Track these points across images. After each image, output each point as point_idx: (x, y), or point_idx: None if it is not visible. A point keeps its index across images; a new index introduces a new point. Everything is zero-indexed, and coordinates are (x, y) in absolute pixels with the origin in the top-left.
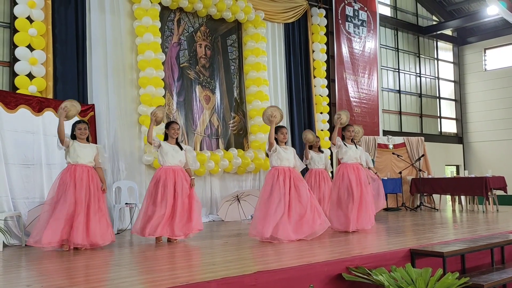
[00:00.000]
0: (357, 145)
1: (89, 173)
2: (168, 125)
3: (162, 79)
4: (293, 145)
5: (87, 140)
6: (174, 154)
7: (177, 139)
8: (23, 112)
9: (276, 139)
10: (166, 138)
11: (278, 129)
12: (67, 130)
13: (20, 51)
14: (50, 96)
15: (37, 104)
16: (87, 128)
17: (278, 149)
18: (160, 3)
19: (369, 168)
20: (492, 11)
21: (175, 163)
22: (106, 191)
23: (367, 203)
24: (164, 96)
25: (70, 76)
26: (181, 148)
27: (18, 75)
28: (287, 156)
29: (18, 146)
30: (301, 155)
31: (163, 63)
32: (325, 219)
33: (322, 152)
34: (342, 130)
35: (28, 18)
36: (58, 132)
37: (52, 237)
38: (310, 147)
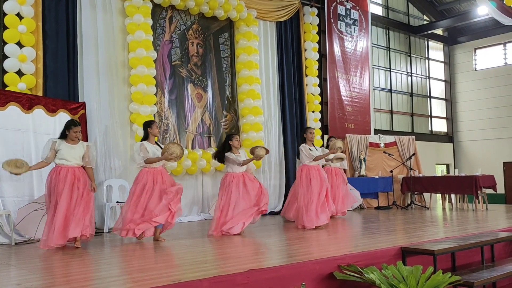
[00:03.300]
0: (316, 147)
1: (74, 173)
2: (150, 124)
3: (154, 77)
4: (285, 144)
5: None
6: (157, 155)
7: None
8: (13, 109)
9: (230, 146)
10: (146, 137)
11: (233, 136)
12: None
13: (10, 48)
14: (40, 93)
15: (27, 102)
16: (81, 130)
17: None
18: (151, 1)
19: (344, 170)
20: (483, 11)
21: (159, 164)
22: (96, 190)
23: (332, 197)
24: (155, 94)
25: (60, 73)
26: (161, 148)
27: (7, 72)
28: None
29: (7, 144)
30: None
31: (155, 61)
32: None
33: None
34: (304, 132)
35: (18, 14)
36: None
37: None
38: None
